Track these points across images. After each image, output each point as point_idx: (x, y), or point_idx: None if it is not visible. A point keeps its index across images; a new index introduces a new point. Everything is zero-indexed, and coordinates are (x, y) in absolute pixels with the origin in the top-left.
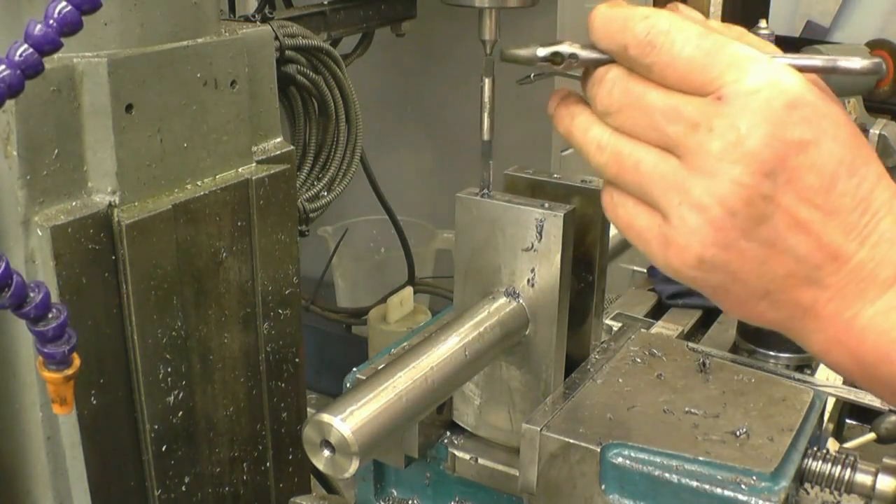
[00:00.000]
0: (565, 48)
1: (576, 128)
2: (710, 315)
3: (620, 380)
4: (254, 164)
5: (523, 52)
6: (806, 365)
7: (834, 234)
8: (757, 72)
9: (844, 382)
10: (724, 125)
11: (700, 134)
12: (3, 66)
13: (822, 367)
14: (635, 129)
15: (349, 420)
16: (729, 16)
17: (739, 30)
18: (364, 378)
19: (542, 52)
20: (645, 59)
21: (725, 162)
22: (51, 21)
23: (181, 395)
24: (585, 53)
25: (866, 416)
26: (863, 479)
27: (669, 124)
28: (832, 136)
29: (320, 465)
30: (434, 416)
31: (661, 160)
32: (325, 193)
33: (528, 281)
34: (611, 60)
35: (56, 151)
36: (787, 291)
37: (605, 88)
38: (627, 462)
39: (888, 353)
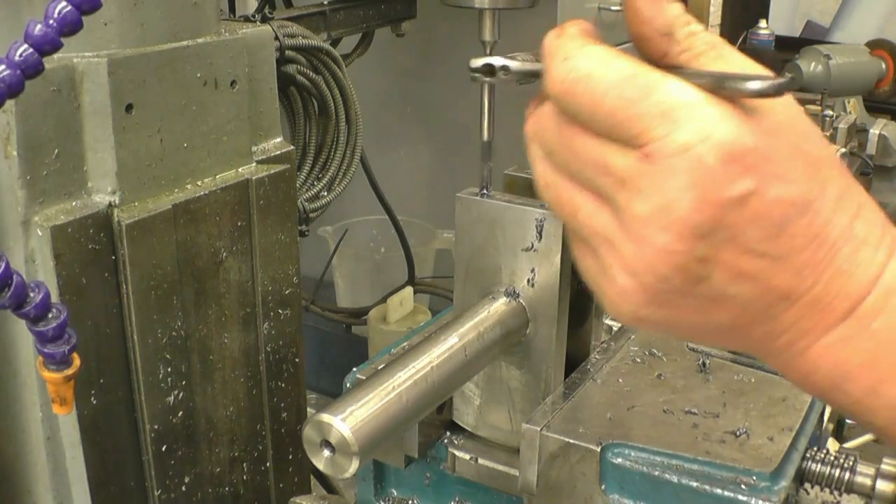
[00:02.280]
0: (497, 60)
1: (530, 155)
2: None
3: (620, 380)
4: (254, 164)
5: (471, 63)
6: None
7: (783, 277)
8: (687, 124)
9: None
10: (651, 188)
11: (628, 192)
12: (3, 66)
13: None
14: (570, 171)
15: (349, 420)
16: (729, 16)
17: (713, 42)
18: (364, 378)
19: (475, 63)
20: (567, 108)
21: (653, 227)
22: (51, 21)
23: (181, 395)
24: (517, 66)
25: None
26: (863, 479)
27: (598, 176)
28: (779, 176)
29: (320, 465)
30: (434, 416)
31: (596, 211)
32: (325, 193)
33: (528, 281)
34: (539, 74)
35: (56, 151)
36: (736, 330)
37: (540, 125)
38: (627, 462)
39: (840, 384)
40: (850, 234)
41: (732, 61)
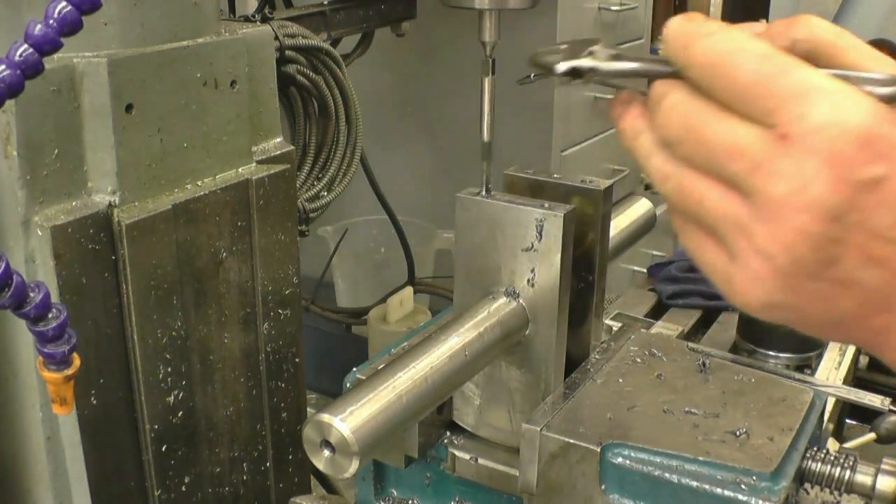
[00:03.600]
0: (585, 63)
1: (638, 150)
2: (710, 315)
3: (620, 380)
4: (254, 164)
5: (549, 59)
6: (806, 365)
7: None
8: (822, 106)
9: (844, 382)
10: (787, 169)
11: (763, 175)
12: (3, 66)
13: (822, 367)
14: (696, 161)
15: (349, 420)
16: (729, 16)
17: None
18: (364, 378)
19: (562, 67)
20: (704, 80)
21: (790, 208)
22: (51, 21)
23: (181, 395)
24: (607, 66)
25: (866, 416)
26: (863, 479)
27: (731, 162)
28: None
29: (320, 465)
30: (434, 416)
31: (724, 197)
32: (325, 193)
33: (528, 281)
34: (638, 73)
35: (56, 151)
36: (859, 320)
37: (665, 115)
38: (627, 462)
39: None
40: None
41: (861, 50)
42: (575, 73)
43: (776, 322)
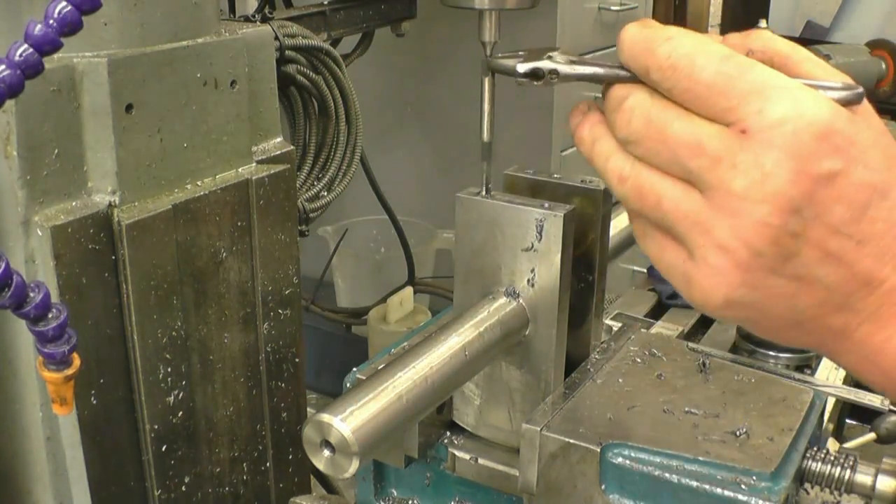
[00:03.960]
0: (545, 64)
1: (596, 154)
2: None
3: (620, 380)
4: (254, 164)
5: (507, 63)
6: (806, 365)
7: (866, 261)
8: (781, 101)
9: (845, 382)
10: (747, 162)
11: (723, 170)
12: (3, 66)
13: (822, 366)
14: (656, 160)
15: (349, 420)
16: (729, 16)
17: (802, 53)
18: (364, 378)
19: (522, 68)
20: (666, 82)
21: (750, 201)
22: (51, 21)
23: (181, 395)
24: (568, 70)
25: (866, 416)
26: (863, 479)
27: (691, 158)
28: (863, 161)
29: (320, 465)
30: (434, 416)
31: (683, 196)
32: (325, 193)
33: (528, 281)
34: (600, 77)
35: (56, 151)
36: (818, 319)
37: (625, 116)
38: (627, 462)
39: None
40: None
41: (814, 62)
42: (535, 75)
43: (735, 323)
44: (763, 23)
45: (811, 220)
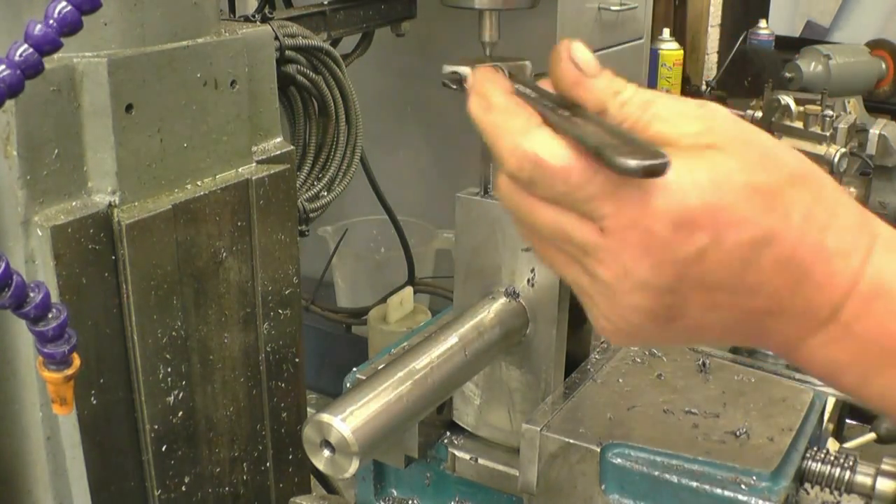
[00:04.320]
0: (464, 69)
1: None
2: None
3: (620, 380)
4: (254, 164)
5: (444, 68)
6: None
7: (759, 301)
8: (631, 201)
9: None
10: (609, 259)
11: (591, 261)
12: (3, 66)
13: None
14: (539, 234)
15: (349, 420)
16: (729, 16)
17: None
18: (364, 378)
19: (447, 68)
20: (523, 183)
21: (620, 292)
22: (51, 21)
23: (181, 395)
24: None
25: (866, 416)
26: (863, 479)
27: (563, 244)
28: (734, 222)
29: (320, 465)
30: (434, 416)
31: (568, 266)
32: (325, 193)
33: (528, 281)
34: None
35: (56, 151)
36: (726, 341)
37: (503, 194)
38: (627, 462)
39: (834, 377)
40: (821, 248)
41: (666, 118)
42: (456, 80)
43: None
44: (763, 23)
45: (689, 290)
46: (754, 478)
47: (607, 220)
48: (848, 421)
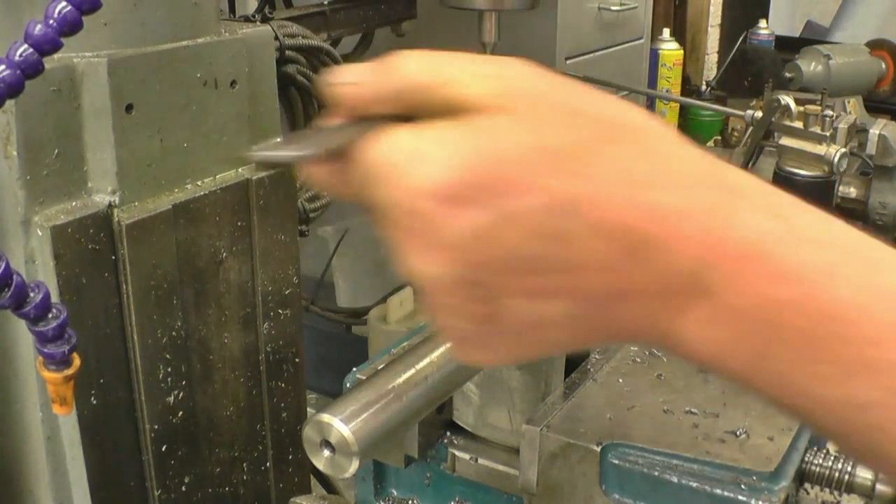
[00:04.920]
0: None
1: None
2: None
3: (620, 380)
4: (254, 165)
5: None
6: None
7: (595, 279)
8: (389, 184)
9: None
10: (402, 255)
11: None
12: (3, 66)
13: None
14: None
15: (349, 420)
16: (729, 16)
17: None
18: (364, 378)
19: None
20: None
21: (428, 291)
22: (51, 21)
23: (181, 395)
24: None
25: None
26: (863, 479)
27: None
28: (517, 192)
29: (320, 465)
30: (434, 416)
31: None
32: (325, 193)
33: None
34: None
35: (56, 151)
36: (581, 340)
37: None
38: (627, 462)
39: (719, 362)
40: (656, 208)
41: (459, 79)
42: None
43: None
44: (763, 23)
45: (493, 277)
46: (754, 478)
47: (380, 209)
48: None
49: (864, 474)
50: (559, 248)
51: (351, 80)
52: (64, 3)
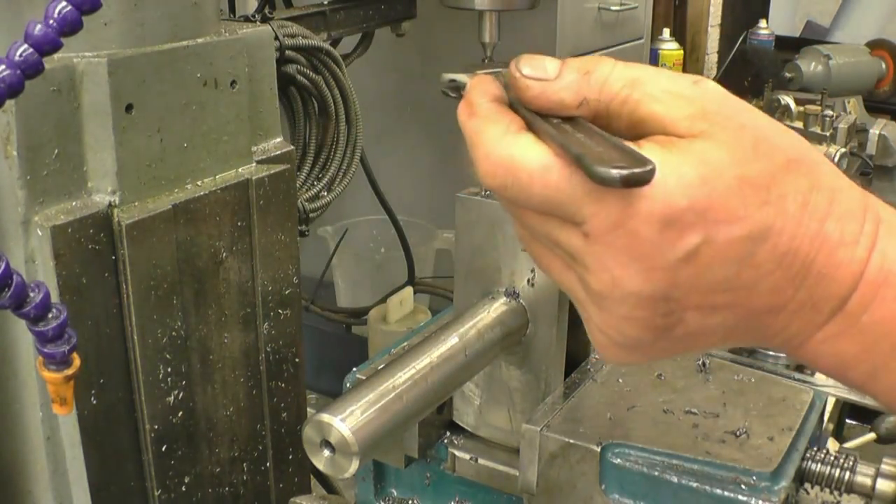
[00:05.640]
0: (462, 78)
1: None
2: None
3: (620, 380)
4: (254, 164)
5: (442, 76)
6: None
7: (759, 300)
8: (612, 203)
9: None
10: (596, 265)
11: (580, 268)
12: (3, 66)
13: None
14: (533, 236)
15: (349, 420)
16: (729, 16)
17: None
18: (364, 378)
19: (445, 76)
20: (503, 196)
21: (610, 300)
22: (51, 21)
23: (181, 395)
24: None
25: (866, 416)
26: (863, 479)
27: (553, 247)
28: (725, 220)
29: (320, 465)
30: (434, 416)
31: (564, 271)
32: (325, 193)
33: (528, 281)
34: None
35: (56, 151)
36: (728, 343)
37: (498, 196)
38: (627, 462)
39: (841, 372)
40: (822, 238)
41: (658, 97)
42: (455, 88)
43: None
44: (763, 23)
45: (684, 294)
46: (754, 478)
47: (588, 224)
48: (848, 421)
49: (864, 474)
50: (744, 271)
51: (541, 77)
52: (64, 3)
